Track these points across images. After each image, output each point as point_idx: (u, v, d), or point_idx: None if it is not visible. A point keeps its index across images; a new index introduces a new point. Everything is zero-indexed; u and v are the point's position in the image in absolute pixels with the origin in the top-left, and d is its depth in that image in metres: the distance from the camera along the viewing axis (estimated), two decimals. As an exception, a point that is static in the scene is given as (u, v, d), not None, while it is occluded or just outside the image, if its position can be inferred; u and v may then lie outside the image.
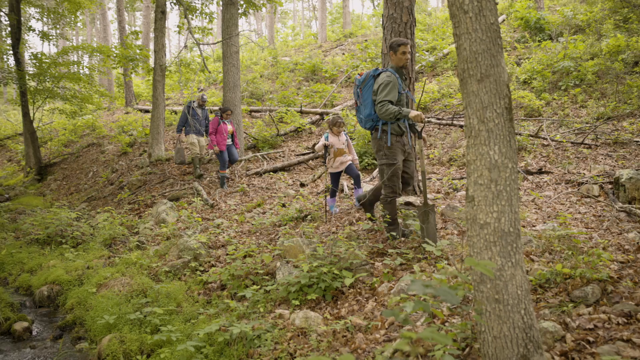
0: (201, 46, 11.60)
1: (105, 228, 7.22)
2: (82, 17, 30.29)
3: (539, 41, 14.45)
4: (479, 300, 2.40)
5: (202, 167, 10.82)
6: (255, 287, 4.14)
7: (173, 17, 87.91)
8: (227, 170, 9.73)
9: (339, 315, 3.72)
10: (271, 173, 9.77)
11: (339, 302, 3.94)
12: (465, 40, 2.36)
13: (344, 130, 6.76)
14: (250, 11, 13.06)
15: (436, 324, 3.19)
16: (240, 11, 12.05)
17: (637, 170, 6.35)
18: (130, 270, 5.53)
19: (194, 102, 10.26)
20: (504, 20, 18.16)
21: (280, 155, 11.00)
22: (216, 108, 13.51)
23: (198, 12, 12.93)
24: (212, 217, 7.70)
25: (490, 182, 2.30)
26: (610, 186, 6.37)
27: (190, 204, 8.48)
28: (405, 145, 4.88)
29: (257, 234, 6.34)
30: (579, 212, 5.78)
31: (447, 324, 3.19)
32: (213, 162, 11.26)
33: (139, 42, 17.27)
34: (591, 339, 2.80)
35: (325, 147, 6.46)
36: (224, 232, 6.60)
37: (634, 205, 5.76)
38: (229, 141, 9.69)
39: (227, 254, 5.39)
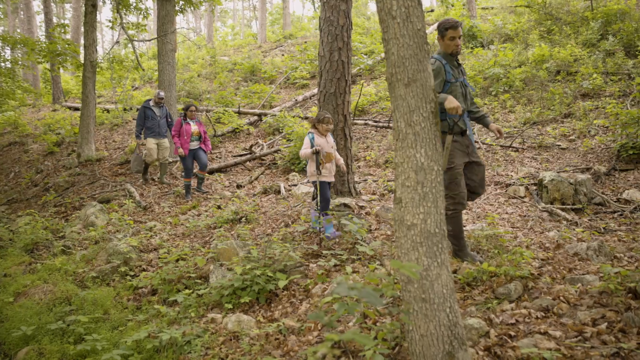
0: (135, 43, 11.17)
1: (26, 232, 6.78)
2: (2, 5, 28.39)
3: (472, 48, 15.08)
4: (407, 300, 2.45)
5: (168, 175, 9.88)
6: (187, 291, 4.04)
7: (106, 10, 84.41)
8: (202, 178, 8.69)
9: (273, 318, 3.69)
10: (207, 174, 9.58)
11: (272, 305, 3.91)
12: (394, 45, 2.41)
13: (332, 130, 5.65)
14: (189, 9, 12.77)
15: (368, 324, 3.23)
16: (176, 8, 11.75)
17: (558, 172, 6.76)
18: (53, 277, 5.22)
19: (149, 100, 9.30)
20: (438, 27, 18.79)
21: (217, 157, 10.80)
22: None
23: (132, 7, 12.47)
24: (145, 219, 7.44)
25: (417, 184, 2.36)
26: (535, 187, 6.75)
27: (121, 206, 8.14)
28: (469, 147, 4.14)
29: (192, 236, 6.19)
30: (506, 212, 6.07)
31: (378, 323, 3.24)
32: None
33: (68, 36, 16.38)
34: (513, 334, 2.93)
35: (317, 152, 5.21)
36: (156, 235, 6.38)
37: (555, 206, 6.13)
38: (195, 144, 8.47)
39: (159, 258, 5.23)
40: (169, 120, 9.39)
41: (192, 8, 12.42)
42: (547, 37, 14.03)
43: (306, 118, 12.12)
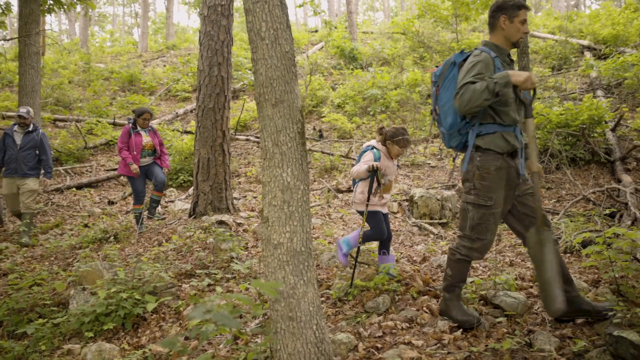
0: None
1: None
2: None
3: (352, 69, 15.79)
4: (275, 319, 2.44)
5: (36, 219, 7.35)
6: (41, 320, 3.64)
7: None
8: (158, 200, 6.83)
9: (139, 344, 3.47)
10: (75, 189, 8.82)
11: (140, 330, 3.68)
12: (262, 65, 2.42)
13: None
14: (60, 10, 11.79)
15: (239, 345, 3.17)
16: (43, 8, 10.78)
17: (427, 189, 7.25)
18: None
19: (14, 125, 6.72)
20: (322, 47, 19.46)
21: (87, 170, 10.03)
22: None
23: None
24: (-6, 240, 6.63)
25: (283, 203, 2.37)
26: (406, 203, 7.18)
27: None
28: (518, 176, 3.00)
29: (52, 258, 5.63)
30: (380, 228, 6.36)
31: (251, 343, 3.19)
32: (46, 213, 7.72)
33: None
34: (379, 346, 3.05)
35: (375, 170, 3.87)
36: (7, 258, 5.70)
37: (424, 220, 6.57)
38: (147, 160, 6.60)
39: (9, 284, 4.67)
40: (36, 151, 6.62)
41: (63, 9, 11.49)
42: (420, 62, 15.18)
43: (320, 133, 11.49)
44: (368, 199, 3.95)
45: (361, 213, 4.08)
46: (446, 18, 16.45)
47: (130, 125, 6.51)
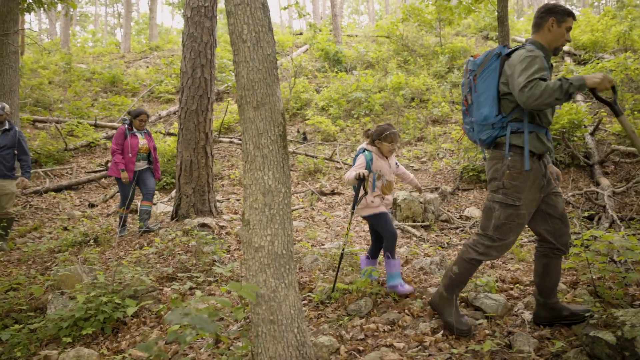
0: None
1: None
2: None
3: (337, 72, 15.84)
4: (256, 323, 2.43)
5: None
6: (17, 326, 3.57)
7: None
8: (148, 211, 6.34)
9: (119, 349, 3.42)
10: (54, 192, 8.66)
11: (120, 335, 3.63)
12: (244, 68, 2.41)
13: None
14: (40, 9, 11.61)
15: (220, 349, 3.14)
16: (22, 7, 10.60)
17: (410, 192, 7.29)
18: None
19: None
20: (307, 49, 19.48)
21: (67, 172, 9.88)
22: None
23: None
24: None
25: (264, 206, 2.36)
26: (390, 206, 7.21)
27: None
28: (546, 176, 2.96)
29: (29, 262, 5.52)
30: (364, 230, 6.38)
31: (232, 347, 3.17)
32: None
33: None
34: (361, 348, 3.05)
35: (361, 179, 3.69)
36: (-18, 263, 5.58)
37: (407, 223, 6.60)
38: (142, 164, 6.28)
39: (-17, 290, 4.57)
40: (13, 150, 6.15)
41: (43, 8, 11.31)
42: (404, 66, 15.30)
43: (304, 136, 11.41)
44: (353, 207, 3.88)
45: (366, 218, 3.94)
46: (430, 22, 16.62)
47: (126, 126, 6.23)
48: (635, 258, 3.17)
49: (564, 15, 2.88)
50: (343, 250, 4.00)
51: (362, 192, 3.83)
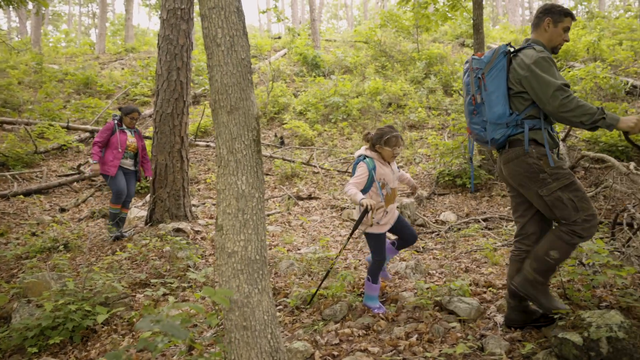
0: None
1: None
2: None
3: (315, 76, 15.87)
4: (229, 329, 2.41)
5: None
6: (-19, 335, 3.46)
7: None
8: (124, 217, 6.18)
9: (88, 358, 3.35)
10: (22, 196, 8.41)
11: (89, 343, 3.55)
12: (217, 72, 2.40)
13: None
14: (10, 7, 11.33)
15: (194, 356, 3.10)
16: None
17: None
18: None
19: None
20: (285, 53, 19.48)
21: (37, 176, 9.64)
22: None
23: None
24: None
25: (237, 211, 2.35)
26: (365, 210, 7.24)
27: None
28: None
29: (-5, 269, 5.37)
30: (340, 235, 6.39)
31: (205, 354, 3.13)
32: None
33: None
34: (336, 353, 3.05)
35: (366, 211, 3.43)
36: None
37: (382, 227, 6.63)
38: (128, 163, 6.17)
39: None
40: None
41: (13, 6, 11.04)
42: (382, 71, 15.42)
43: (282, 140, 11.19)
44: (352, 232, 3.75)
45: (367, 235, 3.69)
46: (407, 28, 16.79)
47: (116, 122, 6.08)
48: (603, 261, 3.25)
49: (560, 16, 2.93)
50: (331, 267, 3.94)
51: (365, 219, 3.56)
